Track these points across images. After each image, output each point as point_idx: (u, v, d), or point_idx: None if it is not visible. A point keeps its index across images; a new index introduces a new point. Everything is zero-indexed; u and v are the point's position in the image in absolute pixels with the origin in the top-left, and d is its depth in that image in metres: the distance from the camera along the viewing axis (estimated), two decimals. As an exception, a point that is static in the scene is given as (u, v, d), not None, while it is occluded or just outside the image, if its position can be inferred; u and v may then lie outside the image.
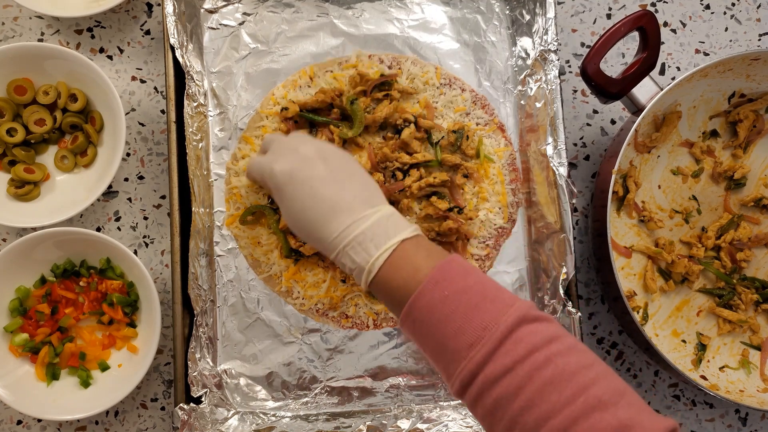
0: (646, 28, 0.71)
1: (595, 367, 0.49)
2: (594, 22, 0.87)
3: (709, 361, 0.80)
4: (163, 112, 0.84)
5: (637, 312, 0.79)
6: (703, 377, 0.78)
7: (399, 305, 0.55)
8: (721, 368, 0.79)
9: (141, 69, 0.84)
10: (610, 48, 0.71)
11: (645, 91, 0.73)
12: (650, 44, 0.71)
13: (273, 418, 0.75)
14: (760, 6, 0.88)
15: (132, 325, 0.78)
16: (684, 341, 0.80)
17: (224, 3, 0.80)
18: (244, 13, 0.81)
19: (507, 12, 0.82)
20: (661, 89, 0.72)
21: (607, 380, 0.48)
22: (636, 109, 0.74)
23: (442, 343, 0.52)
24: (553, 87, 0.75)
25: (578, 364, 0.48)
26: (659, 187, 0.82)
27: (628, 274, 0.80)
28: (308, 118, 0.77)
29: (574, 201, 0.73)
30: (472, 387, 0.50)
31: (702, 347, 0.79)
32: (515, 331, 0.49)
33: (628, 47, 0.87)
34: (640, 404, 0.47)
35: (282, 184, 0.61)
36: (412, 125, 0.76)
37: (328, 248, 0.59)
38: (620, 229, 0.81)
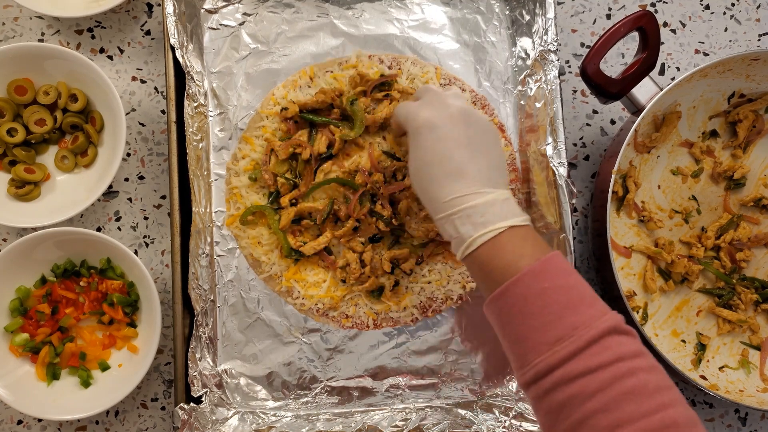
0: (646, 29, 0.71)
1: (673, 390, 0.50)
2: (594, 23, 0.87)
3: (708, 361, 0.80)
4: (163, 112, 0.84)
5: (637, 312, 0.80)
6: (703, 377, 0.78)
7: (491, 285, 0.56)
8: (720, 368, 0.79)
9: (141, 69, 0.84)
10: (609, 48, 0.71)
11: (645, 91, 0.73)
12: (650, 44, 0.71)
13: (273, 418, 0.75)
14: (759, 6, 0.88)
15: (132, 325, 0.78)
16: (684, 341, 0.80)
17: (224, 3, 0.80)
18: (245, 14, 0.81)
19: (507, 12, 0.82)
20: (661, 89, 0.72)
21: (684, 407, 0.49)
22: (636, 109, 0.74)
23: (525, 332, 0.53)
24: (553, 87, 0.75)
25: (659, 384, 0.49)
26: (659, 187, 0.82)
27: (627, 274, 0.80)
28: (308, 119, 0.77)
29: (573, 201, 0.73)
30: (545, 380, 0.51)
31: (702, 347, 0.80)
32: (605, 338, 0.50)
33: (628, 47, 0.87)
34: None
35: (421, 130, 0.61)
36: None
37: (437, 209, 0.59)
38: (620, 229, 0.81)
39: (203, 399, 0.73)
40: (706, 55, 0.87)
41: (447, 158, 0.60)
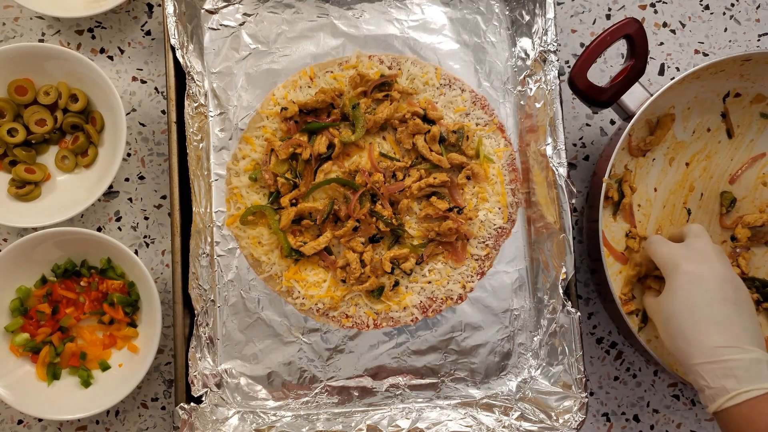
0: (633, 36, 0.71)
1: None
2: (593, 23, 0.87)
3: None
4: (163, 112, 0.84)
5: (636, 315, 0.79)
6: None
7: None
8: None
9: (141, 69, 0.84)
10: (597, 57, 0.72)
11: (635, 97, 0.73)
12: (638, 51, 0.72)
13: (273, 418, 0.75)
14: (759, 6, 0.88)
15: (133, 324, 0.78)
16: None
17: (225, 4, 0.81)
18: (245, 14, 0.81)
19: (507, 13, 0.82)
20: (651, 95, 0.72)
21: None
22: (627, 116, 0.74)
23: None
24: (553, 87, 0.76)
25: None
26: (655, 190, 0.82)
27: (624, 277, 0.80)
28: (309, 129, 0.77)
29: (573, 201, 0.73)
30: None
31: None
32: None
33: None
34: None
35: (685, 279, 0.64)
36: (418, 120, 0.76)
37: (694, 354, 0.60)
38: (616, 233, 0.81)
39: (203, 399, 0.73)
40: (705, 55, 0.87)
41: (712, 308, 0.61)
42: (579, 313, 0.72)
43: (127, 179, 0.83)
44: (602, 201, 0.72)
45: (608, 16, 0.88)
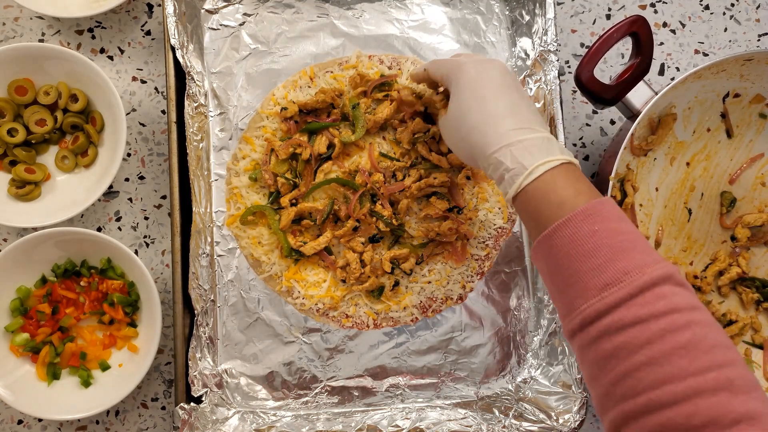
0: (639, 33, 0.71)
1: (732, 351, 0.46)
2: (593, 23, 0.87)
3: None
4: (163, 112, 0.84)
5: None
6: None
7: (541, 226, 0.53)
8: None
9: (141, 69, 0.84)
10: (603, 54, 0.71)
11: (639, 95, 0.73)
12: (643, 49, 0.72)
13: (273, 418, 0.75)
14: (759, 6, 0.88)
15: (133, 324, 0.78)
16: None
17: (225, 3, 0.81)
18: (245, 14, 0.81)
19: (507, 13, 0.82)
20: (656, 93, 0.72)
21: (743, 368, 0.45)
22: (631, 114, 0.74)
23: (573, 276, 0.50)
24: (553, 87, 0.76)
25: (716, 341, 0.45)
26: (657, 189, 0.82)
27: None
28: (309, 129, 0.77)
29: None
30: (591, 327, 0.48)
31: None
32: (659, 285, 0.47)
33: (628, 47, 0.87)
34: None
35: (468, 74, 0.61)
36: (418, 119, 0.76)
37: (490, 142, 0.57)
38: (619, 229, 0.81)
39: (203, 399, 0.73)
40: (705, 55, 0.87)
41: (499, 97, 0.59)
42: (579, 313, 0.72)
43: (127, 179, 0.83)
44: (609, 193, 0.72)
45: (608, 16, 0.88)
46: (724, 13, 0.88)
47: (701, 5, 0.88)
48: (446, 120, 0.65)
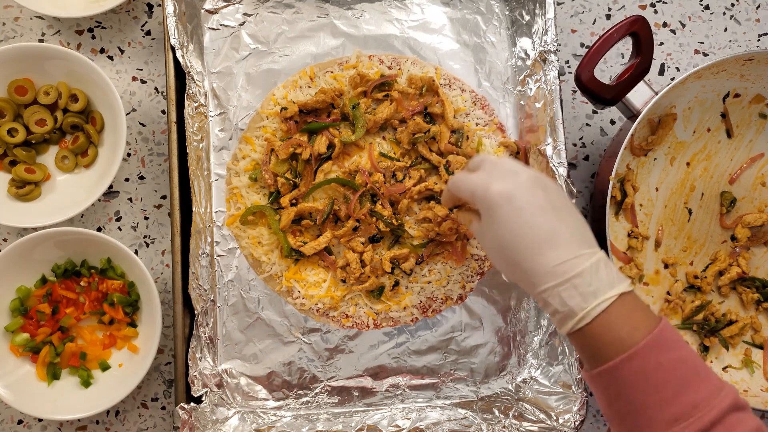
0: (639, 34, 0.71)
1: None
2: (593, 23, 0.87)
3: (712, 362, 0.80)
4: (163, 112, 0.84)
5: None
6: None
7: (602, 359, 0.53)
8: (724, 368, 0.80)
9: (141, 69, 0.84)
10: (603, 54, 0.71)
11: (640, 95, 0.73)
12: (643, 49, 0.72)
13: (273, 418, 0.75)
14: (759, 6, 0.88)
15: (133, 324, 0.78)
16: (686, 341, 0.80)
17: (225, 3, 0.81)
18: (245, 14, 0.81)
19: (507, 12, 0.82)
20: (656, 93, 0.72)
21: None
22: (631, 114, 0.74)
23: (638, 409, 0.51)
24: (553, 87, 0.76)
25: None
26: (657, 189, 0.82)
27: (627, 277, 0.80)
28: (309, 129, 0.77)
29: (573, 201, 0.73)
30: None
31: (705, 349, 0.80)
32: (727, 417, 0.49)
33: (628, 47, 0.87)
34: None
35: (497, 205, 0.57)
36: (418, 119, 0.76)
37: (536, 281, 0.55)
38: (619, 233, 0.81)
39: (203, 399, 0.73)
40: (705, 55, 0.87)
41: (536, 227, 0.55)
42: (579, 313, 0.72)
43: (127, 179, 0.83)
44: (609, 198, 0.72)
45: (608, 16, 0.88)
46: (724, 13, 0.88)
47: (701, 5, 0.88)
48: (483, 237, 0.60)
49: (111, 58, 0.84)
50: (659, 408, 0.50)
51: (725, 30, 0.88)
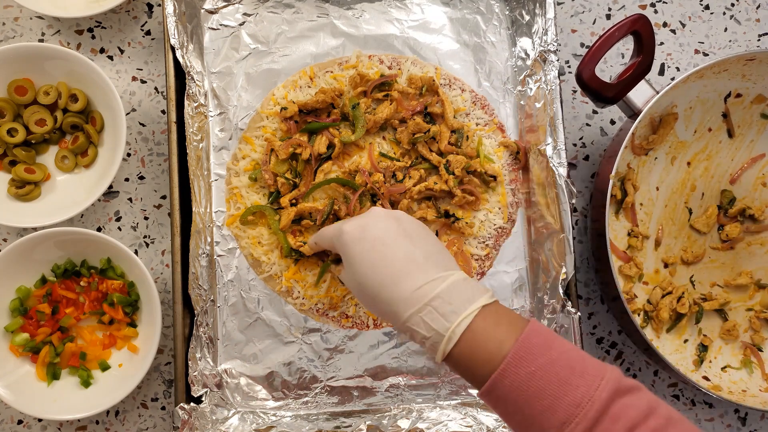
0: (641, 32, 0.71)
1: None
2: (594, 23, 0.87)
3: (711, 362, 0.80)
4: (163, 112, 0.84)
5: (638, 315, 0.79)
6: (706, 378, 0.78)
7: (480, 380, 0.52)
8: (723, 368, 0.79)
9: (141, 69, 0.84)
10: (605, 53, 0.71)
11: (641, 94, 0.73)
12: (645, 48, 0.71)
13: (273, 418, 0.75)
14: (759, 6, 0.88)
15: (132, 324, 0.78)
16: (686, 341, 0.80)
17: (224, 3, 0.81)
18: (245, 14, 0.81)
19: (507, 12, 0.82)
20: (657, 92, 0.72)
21: None
22: (632, 112, 0.74)
23: (529, 420, 0.50)
24: (553, 87, 0.75)
25: None
26: (657, 189, 0.82)
27: (627, 275, 0.80)
28: (309, 129, 0.77)
29: (573, 201, 0.73)
30: None
31: (704, 348, 0.80)
32: (610, 407, 0.48)
33: (628, 47, 0.87)
34: None
35: (351, 241, 0.58)
36: (418, 119, 0.76)
37: (399, 311, 0.54)
38: (619, 232, 0.81)
39: (203, 399, 0.73)
40: (705, 55, 0.87)
41: (390, 257, 0.56)
42: (579, 313, 0.72)
43: (127, 179, 0.83)
44: (609, 197, 0.71)
45: (608, 16, 0.88)
46: (724, 13, 0.88)
47: (701, 5, 0.88)
48: (347, 280, 0.61)
49: (111, 58, 0.84)
50: (546, 416, 0.49)
51: (725, 30, 0.88)
